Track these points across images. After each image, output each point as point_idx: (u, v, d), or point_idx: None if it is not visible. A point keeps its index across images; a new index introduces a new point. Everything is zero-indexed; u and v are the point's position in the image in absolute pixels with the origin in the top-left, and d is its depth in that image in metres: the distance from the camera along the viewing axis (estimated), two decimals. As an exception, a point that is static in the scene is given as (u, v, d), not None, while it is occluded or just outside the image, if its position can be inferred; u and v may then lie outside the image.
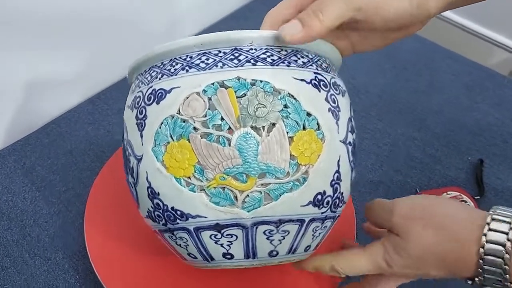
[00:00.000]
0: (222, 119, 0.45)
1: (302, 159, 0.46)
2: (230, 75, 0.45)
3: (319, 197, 0.48)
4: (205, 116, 0.45)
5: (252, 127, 0.45)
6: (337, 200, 0.50)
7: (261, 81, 0.46)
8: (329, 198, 0.49)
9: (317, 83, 0.48)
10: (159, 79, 0.48)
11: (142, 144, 0.48)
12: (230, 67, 0.46)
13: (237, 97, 0.45)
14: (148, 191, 0.48)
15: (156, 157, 0.47)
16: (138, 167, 0.48)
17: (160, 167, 0.46)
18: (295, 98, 0.46)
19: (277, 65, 0.47)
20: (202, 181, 0.45)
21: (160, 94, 0.47)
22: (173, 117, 0.46)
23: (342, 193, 0.50)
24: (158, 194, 0.47)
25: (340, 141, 0.49)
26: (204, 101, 0.45)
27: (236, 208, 0.46)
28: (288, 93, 0.46)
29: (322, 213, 0.49)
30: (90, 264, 0.55)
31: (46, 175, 0.70)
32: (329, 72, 0.50)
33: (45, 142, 0.75)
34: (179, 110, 0.46)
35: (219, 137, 0.45)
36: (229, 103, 0.45)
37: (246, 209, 0.46)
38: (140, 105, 0.49)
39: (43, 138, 0.75)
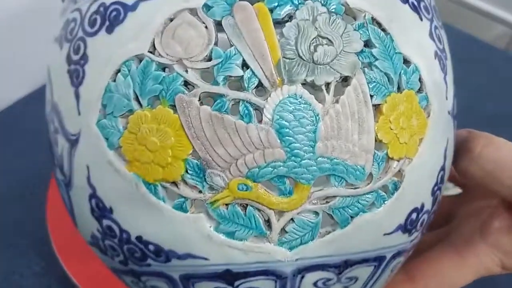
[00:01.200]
0: (244, 65, 0.22)
1: (396, 148, 0.24)
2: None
3: (414, 215, 0.26)
4: (209, 59, 0.22)
5: (305, 83, 0.22)
6: (432, 216, 0.28)
7: (321, -9, 0.22)
8: (425, 216, 0.27)
9: (415, 2, 0.26)
10: (113, -16, 0.24)
11: (79, 113, 0.24)
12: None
13: (275, 22, 0.22)
14: (91, 203, 0.25)
15: (107, 139, 0.23)
16: (72, 156, 0.25)
17: (114, 159, 0.23)
18: (384, 30, 0.24)
19: (348, -37, 0.23)
20: (202, 192, 0.22)
21: (114, 14, 0.23)
22: (141, 60, 0.22)
23: (439, 201, 0.29)
24: (111, 210, 0.24)
25: (449, 113, 0.27)
26: (206, 27, 0.22)
27: (267, 244, 0.23)
28: (372, 17, 0.23)
29: (412, 240, 0.27)
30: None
31: (8, 159, 0.65)
32: None
33: (8, 123, 0.69)
34: (153, 46, 0.22)
35: (238, 104, 0.22)
36: (260, 33, 0.22)
37: (287, 245, 0.23)
38: (76, 35, 0.25)
39: (5, 119, 0.69)
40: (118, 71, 0.23)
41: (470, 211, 0.33)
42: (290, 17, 0.22)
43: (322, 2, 0.23)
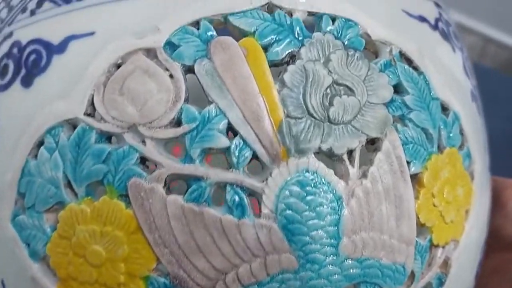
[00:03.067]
0: (230, 131, 0.15)
1: (441, 231, 0.17)
2: None
3: (458, 311, 0.19)
4: (177, 124, 0.15)
5: (320, 152, 0.15)
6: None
7: (332, 19, 0.16)
8: (467, 305, 0.20)
9: (445, 29, 0.19)
10: (31, 13, 0.16)
11: (-16, 206, 0.16)
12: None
13: (273, 64, 0.15)
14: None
15: (28, 246, 0.15)
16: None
17: (39, 274, 0.15)
18: (416, 68, 0.17)
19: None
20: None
21: (34, 59, 0.16)
22: (74, 127, 0.15)
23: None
24: None
25: (488, 169, 0.21)
26: (171, 76, 0.15)
27: None
28: (400, 52, 0.17)
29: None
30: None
31: None
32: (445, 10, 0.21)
33: None
34: (92, 106, 0.15)
35: (223, 189, 0.15)
36: (251, 82, 0.15)
37: None
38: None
39: None
40: (41, 143, 0.15)
41: (495, 266, 0.27)
42: (293, 58, 0.15)
43: (336, 33, 0.16)
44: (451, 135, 0.18)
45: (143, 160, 0.15)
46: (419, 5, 0.19)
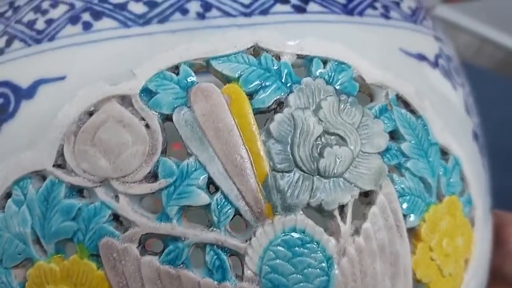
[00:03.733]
0: (211, 187, 0.13)
1: (438, 285, 0.16)
2: (225, 42, 0.14)
3: None
4: (153, 178, 0.13)
5: (308, 207, 0.14)
6: None
7: (323, 61, 0.15)
8: None
9: (445, 66, 0.18)
10: (0, 52, 0.15)
11: None
12: (226, 15, 0.14)
13: (258, 112, 0.14)
14: None
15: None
16: None
17: (6, 337, 0.14)
18: (414, 111, 0.16)
19: (356, 14, 0.16)
20: None
21: (2, 103, 0.15)
22: (44, 179, 0.14)
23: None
24: None
25: (489, 210, 0.20)
26: (147, 126, 0.14)
27: None
28: (397, 95, 0.16)
29: None
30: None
31: None
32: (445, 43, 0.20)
33: None
34: (62, 157, 0.14)
35: (203, 250, 0.13)
36: (235, 132, 0.14)
37: None
38: None
39: None
40: (8, 195, 0.14)
41: None
42: (280, 105, 0.14)
43: (327, 78, 0.15)
44: (451, 181, 0.17)
45: (116, 217, 0.14)
46: (418, 42, 0.17)
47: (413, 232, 0.15)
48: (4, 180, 0.14)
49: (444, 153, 0.17)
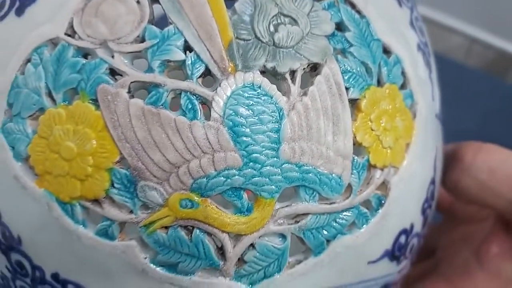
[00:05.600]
0: (186, 48, 0.17)
1: (379, 153, 0.19)
2: None
3: (403, 238, 0.21)
4: (141, 40, 0.17)
5: (265, 71, 0.17)
6: (421, 241, 0.24)
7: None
8: (415, 239, 0.22)
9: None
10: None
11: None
12: None
13: (226, -5, 0.18)
14: (-5, 232, 0.19)
15: (13, 148, 0.18)
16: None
17: (21, 173, 0.18)
18: (359, 12, 0.20)
19: None
20: (133, 212, 0.17)
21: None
22: (56, 45, 0.18)
23: (428, 223, 0.24)
24: (20, 241, 0.19)
25: (436, 116, 0.23)
26: (137, 1, 0.17)
27: (221, 279, 0.18)
28: (345, -3, 0.19)
29: (400, 270, 0.22)
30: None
31: None
32: None
33: None
34: (72, 28, 0.18)
35: (179, 96, 0.17)
36: (206, 7, 0.17)
37: (247, 279, 0.18)
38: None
39: None
40: (28, 60, 0.18)
41: (458, 239, 0.29)
42: (244, -9, 0.18)
43: (284, -26, 0.18)
44: (392, 72, 0.20)
45: (111, 71, 0.17)
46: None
47: (354, 104, 0.19)
48: (25, 50, 0.18)
49: (387, 51, 0.20)
